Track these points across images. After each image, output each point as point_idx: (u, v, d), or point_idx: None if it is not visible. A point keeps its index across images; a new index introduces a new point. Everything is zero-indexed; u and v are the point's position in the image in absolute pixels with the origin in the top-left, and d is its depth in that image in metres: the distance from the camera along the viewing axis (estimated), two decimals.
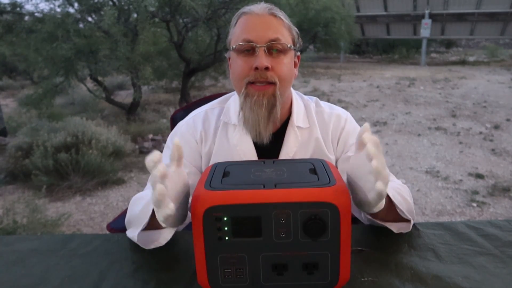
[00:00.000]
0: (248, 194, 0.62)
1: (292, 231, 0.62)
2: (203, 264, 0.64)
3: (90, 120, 4.47)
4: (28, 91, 6.02)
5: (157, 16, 5.80)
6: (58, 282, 0.71)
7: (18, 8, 5.42)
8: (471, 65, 14.39)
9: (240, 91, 0.92)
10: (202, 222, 0.62)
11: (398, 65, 14.93)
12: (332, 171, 0.69)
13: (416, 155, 4.42)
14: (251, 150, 0.97)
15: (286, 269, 0.64)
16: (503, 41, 20.75)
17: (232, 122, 0.99)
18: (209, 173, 0.71)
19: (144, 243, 0.81)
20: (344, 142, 1.02)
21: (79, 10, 5.39)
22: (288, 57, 0.92)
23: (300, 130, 0.99)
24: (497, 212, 3.01)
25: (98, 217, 3.07)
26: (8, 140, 4.78)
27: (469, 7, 14.77)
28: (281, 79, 0.90)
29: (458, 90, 8.74)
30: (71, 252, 0.81)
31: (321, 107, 1.04)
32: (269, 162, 0.76)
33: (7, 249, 0.83)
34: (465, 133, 5.29)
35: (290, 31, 0.94)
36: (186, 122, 1.03)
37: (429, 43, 16.69)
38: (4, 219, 2.47)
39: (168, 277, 0.68)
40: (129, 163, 4.22)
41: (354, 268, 0.70)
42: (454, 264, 0.74)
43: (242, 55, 0.91)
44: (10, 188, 3.59)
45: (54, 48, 4.81)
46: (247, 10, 0.93)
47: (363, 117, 6.30)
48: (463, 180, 3.65)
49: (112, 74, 6.34)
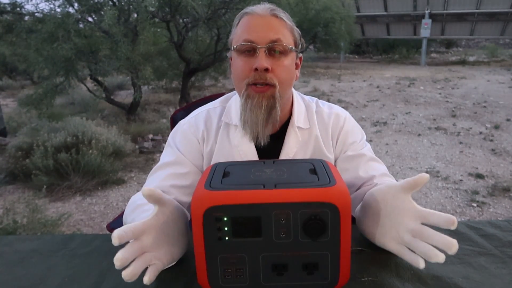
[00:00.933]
0: (248, 194, 0.62)
1: (292, 231, 0.62)
2: (203, 264, 0.64)
3: (90, 120, 4.48)
4: (28, 91, 6.01)
5: (157, 16, 5.80)
6: (58, 282, 0.71)
7: (18, 8, 5.42)
8: (471, 65, 14.38)
9: (240, 92, 0.92)
10: (202, 222, 0.62)
11: (398, 65, 14.93)
12: (332, 172, 0.69)
13: (416, 155, 4.42)
14: (252, 151, 0.97)
15: (286, 269, 0.64)
16: (503, 41, 20.75)
17: (233, 123, 0.99)
18: (209, 173, 0.71)
19: None
20: (343, 142, 1.02)
21: (79, 10, 5.39)
22: (289, 58, 0.92)
23: (300, 130, 1.00)
24: (497, 212, 3.01)
25: (98, 217, 3.07)
26: (8, 140, 4.79)
27: (469, 7, 14.77)
28: (281, 81, 0.90)
29: (458, 90, 8.73)
30: (71, 252, 0.81)
31: (321, 107, 1.05)
32: (269, 162, 0.76)
33: (7, 249, 0.83)
34: (465, 133, 5.28)
35: (292, 32, 0.93)
36: (188, 121, 1.03)
37: (429, 43, 16.68)
38: (4, 219, 2.47)
39: (168, 277, 0.68)
40: (129, 163, 4.22)
41: (354, 268, 0.70)
42: (454, 264, 0.74)
43: (242, 55, 0.91)
44: (10, 188, 3.59)
45: (54, 48, 4.80)
46: (249, 11, 0.93)
47: (363, 117, 6.30)
48: (463, 180, 3.65)
49: (112, 74, 6.33)
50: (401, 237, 0.68)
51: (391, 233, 0.70)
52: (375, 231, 0.74)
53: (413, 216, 0.67)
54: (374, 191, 0.77)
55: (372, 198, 0.77)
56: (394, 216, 0.70)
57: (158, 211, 0.67)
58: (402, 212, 0.69)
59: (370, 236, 0.76)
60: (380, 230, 0.73)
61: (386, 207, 0.72)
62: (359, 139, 1.03)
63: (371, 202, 0.77)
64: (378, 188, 0.76)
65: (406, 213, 0.68)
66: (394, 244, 0.70)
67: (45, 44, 4.96)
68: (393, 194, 0.71)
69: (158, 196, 0.66)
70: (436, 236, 0.63)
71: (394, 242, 0.70)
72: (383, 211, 0.72)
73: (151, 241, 0.65)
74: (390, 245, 0.71)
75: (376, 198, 0.75)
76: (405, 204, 0.69)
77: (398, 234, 0.69)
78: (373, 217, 0.75)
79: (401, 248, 0.69)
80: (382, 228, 0.72)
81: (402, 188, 0.69)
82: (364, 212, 0.79)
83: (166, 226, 0.68)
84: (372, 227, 0.75)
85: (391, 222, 0.71)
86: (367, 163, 0.99)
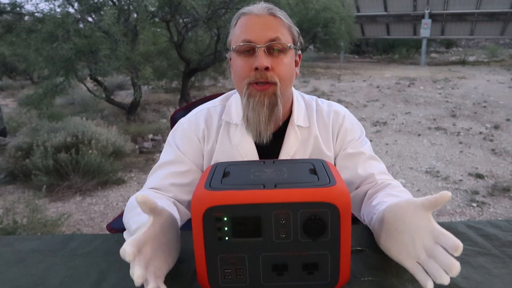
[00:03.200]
0: (248, 194, 0.62)
1: (292, 231, 0.62)
2: (203, 264, 0.64)
3: (90, 120, 4.48)
4: (28, 91, 6.02)
5: (157, 16, 5.80)
6: (58, 282, 0.71)
7: (18, 8, 5.41)
8: (471, 65, 14.38)
9: (242, 91, 0.92)
10: (202, 222, 0.62)
11: (398, 65, 14.93)
12: (332, 172, 0.69)
13: (416, 155, 4.42)
14: (252, 150, 0.97)
15: (286, 269, 0.64)
16: (503, 41, 20.74)
17: (233, 122, 0.99)
18: (209, 173, 0.71)
19: None
20: (343, 139, 1.02)
21: (79, 10, 5.39)
22: (288, 56, 0.92)
23: (300, 129, 1.00)
24: (497, 212, 3.01)
25: (98, 217, 3.07)
26: (8, 140, 4.78)
27: (469, 7, 14.77)
28: (282, 79, 0.90)
29: (458, 90, 8.74)
30: (71, 252, 0.81)
31: (320, 105, 1.05)
32: (269, 162, 0.76)
33: (7, 249, 0.83)
34: (465, 133, 5.28)
35: (290, 30, 0.94)
36: (189, 119, 1.03)
37: (429, 43, 16.69)
38: (4, 219, 2.47)
39: (168, 277, 0.68)
40: (129, 163, 4.22)
41: (354, 268, 0.70)
42: None
43: (242, 55, 0.91)
44: (10, 188, 3.59)
45: (54, 48, 4.80)
46: (246, 11, 0.93)
47: (363, 117, 6.30)
48: (463, 180, 3.65)
49: (112, 74, 6.33)
50: (418, 255, 0.66)
51: (408, 250, 0.68)
52: (392, 247, 0.72)
53: (430, 234, 0.65)
54: (394, 207, 0.74)
55: (391, 214, 0.74)
56: (412, 234, 0.68)
57: (154, 220, 0.66)
58: (420, 230, 0.67)
59: (387, 252, 0.74)
60: (397, 247, 0.71)
61: (405, 224, 0.69)
62: (358, 137, 1.03)
63: (389, 218, 0.74)
64: (397, 203, 0.73)
65: (424, 231, 0.66)
66: (410, 262, 0.68)
67: (45, 44, 4.96)
68: (413, 211, 0.69)
69: (152, 205, 0.64)
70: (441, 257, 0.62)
71: (411, 260, 0.68)
72: (401, 227, 0.70)
73: (150, 252, 0.64)
74: (407, 262, 0.68)
75: (396, 215, 0.72)
76: (424, 222, 0.66)
77: (415, 252, 0.67)
78: (391, 233, 0.72)
79: (416, 267, 0.67)
80: (400, 244, 0.70)
81: (422, 206, 0.67)
82: (381, 226, 0.76)
83: (162, 235, 0.67)
84: (390, 243, 0.73)
85: (409, 240, 0.68)
86: (366, 161, 1.00)
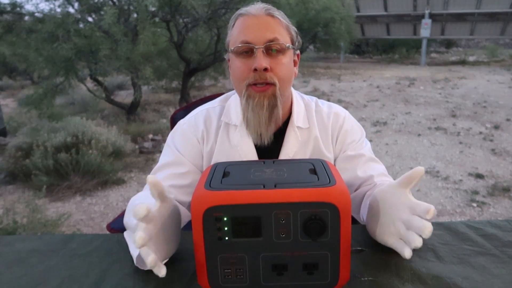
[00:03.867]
0: (248, 194, 0.62)
1: (292, 231, 0.62)
2: (203, 264, 0.64)
3: (90, 120, 4.47)
4: (28, 91, 6.02)
5: (157, 16, 5.80)
6: (58, 282, 0.71)
7: (18, 8, 5.42)
8: (471, 65, 14.39)
9: (241, 93, 0.92)
10: (202, 222, 0.62)
11: (398, 65, 14.93)
12: (332, 172, 0.69)
13: (416, 155, 4.42)
14: (252, 151, 0.97)
15: (286, 269, 0.64)
16: (503, 41, 20.75)
17: (233, 123, 0.99)
18: (209, 173, 0.71)
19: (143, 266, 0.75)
20: (343, 141, 1.02)
21: (79, 10, 5.39)
22: (287, 56, 0.92)
23: (300, 130, 0.99)
24: (497, 212, 3.01)
25: (98, 217, 3.07)
26: (8, 140, 4.78)
27: (469, 7, 14.78)
28: (281, 79, 0.90)
29: (458, 90, 8.74)
30: (71, 252, 0.81)
31: (320, 107, 1.05)
32: (269, 162, 0.76)
33: (7, 249, 0.83)
34: (465, 133, 5.28)
35: (288, 30, 0.93)
36: (188, 120, 1.03)
37: (429, 43, 16.69)
38: (4, 219, 2.47)
39: (168, 277, 0.68)
40: (129, 163, 4.22)
41: (354, 268, 0.70)
42: (454, 264, 0.74)
43: (240, 57, 0.91)
44: (10, 188, 3.59)
45: (54, 48, 4.81)
46: (244, 12, 0.93)
47: (363, 117, 6.30)
48: (463, 180, 3.65)
49: (112, 74, 6.33)
50: (398, 230, 0.70)
51: (390, 228, 0.72)
52: (377, 229, 0.75)
53: (407, 208, 0.69)
54: (376, 192, 0.78)
55: (373, 198, 0.78)
56: (392, 212, 0.72)
57: (160, 205, 0.68)
58: (399, 206, 0.70)
59: (374, 235, 0.78)
60: (380, 228, 0.74)
61: (386, 204, 0.73)
62: (358, 138, 1.03)
63: (372, 203, 0.78)
64: (380, 189, 0.78)
65: (402, 207, 0.70)
66: (393, 239, 0.72)
67: (45, 44, 4.96)
68: (392, 192, 0.73)
69: (160, 189, 0.66)
70: (416, 223, 0.66)
71: (392, 237, 0.72)
72: (382, 209, 0.74)
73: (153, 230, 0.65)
74: (389, 240, 0.72)
75: (377, 198, 0.76)
76: (401, 199, 0.70)
77: (395, 228, 0.71)
78: (374, 217, 0.76)
79: (397, 241, 0.71)
80: (382, 225, 0.74)
81: (399, 184, 0.71)
82: (368, 214, 0.81)
83: (166, 221, 0.69)
84: (374, 226, 0.76)
85: (389, 218, 0.72)
86: (366, 163, 1.00)
